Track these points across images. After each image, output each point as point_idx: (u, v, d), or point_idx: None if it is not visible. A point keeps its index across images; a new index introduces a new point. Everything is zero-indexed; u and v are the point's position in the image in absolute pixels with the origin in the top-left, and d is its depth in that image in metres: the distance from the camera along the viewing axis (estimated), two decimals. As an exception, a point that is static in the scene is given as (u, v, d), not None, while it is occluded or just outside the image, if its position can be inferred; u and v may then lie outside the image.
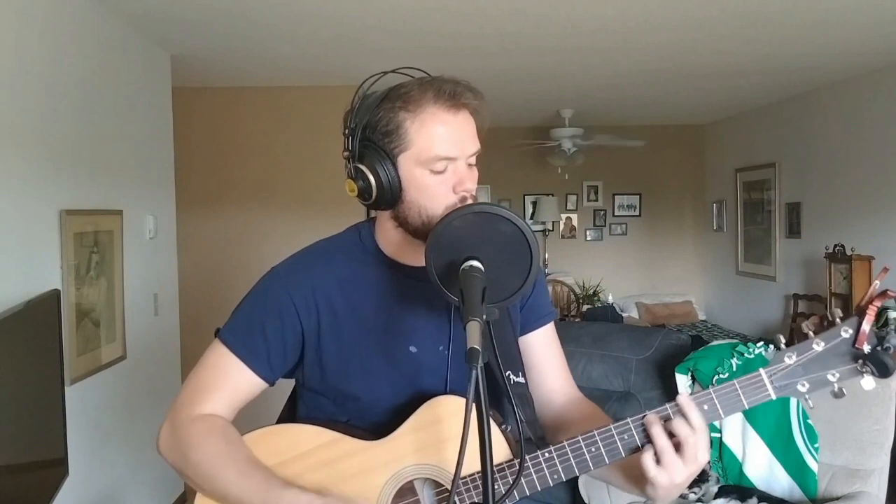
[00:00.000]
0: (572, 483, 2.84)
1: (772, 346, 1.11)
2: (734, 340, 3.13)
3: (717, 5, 3.24)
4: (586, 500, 2.72)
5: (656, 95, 5.61)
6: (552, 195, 7.31)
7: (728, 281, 7.02)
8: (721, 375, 2.72)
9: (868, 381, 1.02)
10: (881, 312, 1.02)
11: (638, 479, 1.07)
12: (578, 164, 6.50)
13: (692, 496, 2.73)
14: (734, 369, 2.73)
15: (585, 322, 5.15)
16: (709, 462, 2.83)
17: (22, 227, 2.43)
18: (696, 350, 3.06)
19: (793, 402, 2.63)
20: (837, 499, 2.49)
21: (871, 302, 1.01)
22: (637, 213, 7.59)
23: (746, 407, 1.05)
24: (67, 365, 2.52)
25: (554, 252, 7.44)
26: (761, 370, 1.05)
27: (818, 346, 1.04)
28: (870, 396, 2.53)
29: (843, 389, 1.04)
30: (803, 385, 1.04)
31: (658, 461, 1.02)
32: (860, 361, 1.01)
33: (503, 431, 1.11)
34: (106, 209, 3.04)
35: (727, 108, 6.39)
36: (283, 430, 1.16)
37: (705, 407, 1.06)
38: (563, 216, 7.53)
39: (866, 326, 1.00)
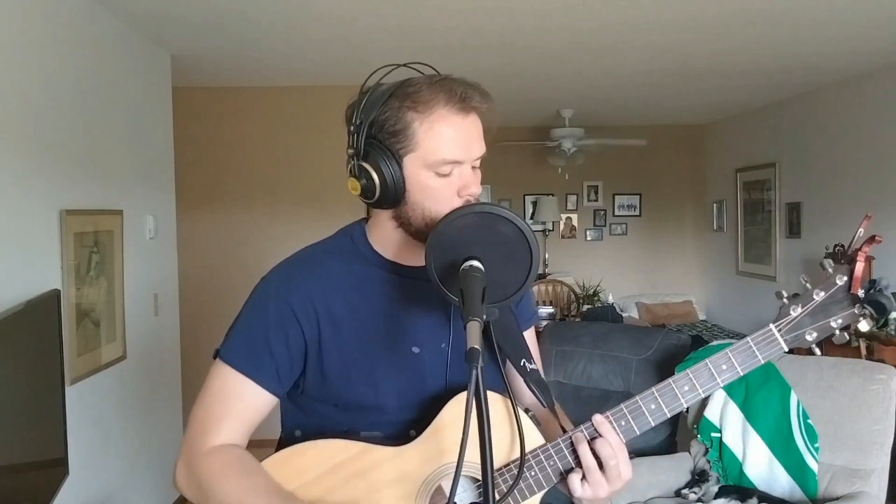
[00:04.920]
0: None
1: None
2: (734, 340, 3.14)
3: (717, 5, 3.24)
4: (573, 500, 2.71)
5: (656, 95, 5.61)
6: (552, 195, 7.31)
7: (728, 281, 7.02)
8: (721, 375, 2.71)
9: (864, 325, 1.07)
10: (881, 314, 1.05)
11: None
12: (578, 164, 6.49)
13: (692, 496, 2.73)
14: (734, 369, 2.72)
15: (585, 322, 5.15)
16: (709, 462, 2.83)
17: (22, 227, 2.43)
18: (696, 350, 3.06)
19: (793, 402, 2.63)
20: (837, 499, 2.49)
21: (859, 249, 1.07)
22: (637, 213, 7.59)
23: (762, 362, 1.10)
24: (67, 365, 2.52)
25: (554, 252, 7.44)
26: (771, 325, 1.10)
27: (818, 295, 1.09)
28: (870, 396, 2.53)
29: (846, 335, 1.09)
30: (811, 334, 1.09)
31: (583, 478, 1.06)
32: (858, 306, 1.07)
33: (531, 418, 1.12)
34: (106, 209, 3.04)
35: (727, 108, 6.39)
36: (308, 448, 1.13)
37: (723, 367, 1.09)
38: (563, 216, 7.53)
39: (859, 271, 1.06)
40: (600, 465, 1.05)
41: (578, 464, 1.07)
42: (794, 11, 3.37)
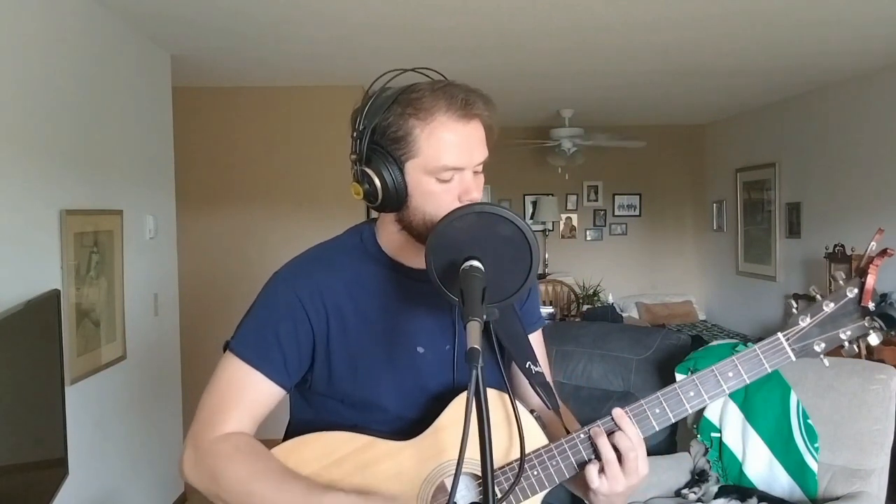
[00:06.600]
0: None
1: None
2: (734, 340, 3.14)
3: (718, 5, 3.24)
4: (587, 500, 2.72)
5: (656, 95, 5.61)
6: (552, 195, 7.31)
7: (728, 281, 7.02)
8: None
9: (874, 338, 1.08)
10: (891, 326, 1.05)
11: (581, 483, 1.12)
12: (578, 164, 6.49)
13: (692, 496, 2.73)
14: (734, 369, 2.73)
15: (585, 322, 5.15)
16: (709, 462, 2.83)
17: (22, 227, 2.43)
18: (696, 350, 3.06)
19: (793, 402, 2.63)
20: (837, 499, 2.49)
21: (871, 262, 1.06)
22: (637, 213, 7.59)
23: (769, 370, 1.10)
24: (67, 365, 2.52)
25: (554, 252, 7.44)
26: (779, 334, 1.10)
27: (828, 306, 1.09)
28: (870, 396, 2.53)
29: (856, 346, 1.10)
30: (819, 345, 1.10)
31: (601, 471, 1.07)
32: (868, 318, 1.07)
33: (536, 419, 1.13)
34: (106, 209, 3.04)
35: (727, 108, 6.39)
36: (314, 439, 1.14)
37: (730, 374, 1.09)
38: (563, 216, 7.53)
39: (870, 284, 1.06)
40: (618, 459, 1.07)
41: (596, 457, 1.08)
42: (795, 11, 3.37)
